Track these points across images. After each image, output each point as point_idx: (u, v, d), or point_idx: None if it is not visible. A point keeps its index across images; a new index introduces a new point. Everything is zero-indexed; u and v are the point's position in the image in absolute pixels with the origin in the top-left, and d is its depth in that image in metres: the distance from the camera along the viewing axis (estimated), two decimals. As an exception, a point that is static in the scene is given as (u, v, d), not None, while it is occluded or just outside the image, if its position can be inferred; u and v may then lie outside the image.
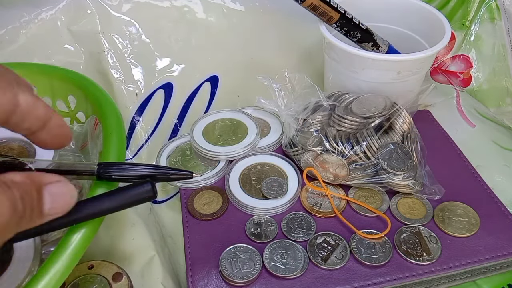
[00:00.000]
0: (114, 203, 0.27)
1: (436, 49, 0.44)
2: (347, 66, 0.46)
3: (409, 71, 0.45)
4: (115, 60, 0.52)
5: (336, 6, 0.44)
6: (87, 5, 0.51)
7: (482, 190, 0.44)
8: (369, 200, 0.42)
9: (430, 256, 0.38)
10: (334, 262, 0.37)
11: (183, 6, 0.53)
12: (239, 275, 0.36)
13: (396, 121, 0.43)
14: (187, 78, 0.54)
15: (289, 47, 0.57)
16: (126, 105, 0.52)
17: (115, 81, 0.52)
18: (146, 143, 0.52)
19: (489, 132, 0.52)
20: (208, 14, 0.54)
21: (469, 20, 0.57)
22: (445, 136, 0.50)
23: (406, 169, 0.41)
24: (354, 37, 0.47)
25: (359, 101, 0.45)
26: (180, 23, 0.53)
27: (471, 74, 0.57)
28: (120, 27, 0.52)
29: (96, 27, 0.51)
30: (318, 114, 0.44)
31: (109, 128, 0.38)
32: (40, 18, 0.51)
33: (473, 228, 0.40)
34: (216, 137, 0.47)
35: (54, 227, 0.27)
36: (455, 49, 0.58)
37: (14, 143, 0.38)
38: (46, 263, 0.28)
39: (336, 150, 0.42)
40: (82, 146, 0.43)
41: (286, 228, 0.40)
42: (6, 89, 0.22)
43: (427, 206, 0.42)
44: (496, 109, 0.55)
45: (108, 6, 0.52)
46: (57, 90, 0.47)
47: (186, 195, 0.43)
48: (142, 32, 0.53)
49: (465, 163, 0.47)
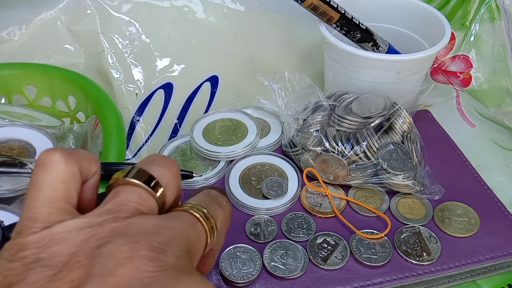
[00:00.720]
0: None
1: (436, 49, 0.44)
2: (347, 66, 0.46)
3: (409, 71, 0.45)
4: (115, 60, 0.52)
5: (336, 6, 0.44)
6: (87, 5, 0.51)
7: (482, 190, 0.44)
8: (369, 200, 0.42)
9: (430, 256, 0.38)
10: (334, 262, 0.37)
11: (183, 6, 0.53)
12: (239, 276, 0.36)
13: (396, 121, 0.43)
14: (187, 78, 0.54)
15: (289, 47, 0.57)
16: (126, 105, 0.52)
17: (115, 81, 0.52)
18: (146, 143, 0.52)
19: (489, 132, 0.52)
20: (208, 14, 0.54)
21: (469, 20, 0.57)
22: (445, 136, 0.50)
23: (406, 169, 0.41)
24: (354, 37, 0.47)
25: (359, 101, 0.45)
26: (180, 23, 0.53)
27: (471, 74, 0.57)
28: (120, 27, 0.52)
29: (96, 27, 0.51)
30: (318, 114, 0.44)
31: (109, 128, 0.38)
32: (40, 18, 0.51)
33: (473, 228, 0.40)
34: (216, 137, 0.47)
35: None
36: (455, 49, 0.58)
37: (14, 143, 0.38)
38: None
39: (336, 150, 0.42)
40: (82, 146, 0.43)
41: (286, 228, 0.40)
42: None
43: (427, 206, 0.42)
44: (496, 109, 0.55)
45: (108, 6, 0.52)
46: (57, 90, 0.47)
47: (186, 195, 0.43)
48: (142, 32, 0.53)
49: (465, 163, 0.47)
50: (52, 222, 0.19)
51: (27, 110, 0.45)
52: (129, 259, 0.17)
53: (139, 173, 0.21)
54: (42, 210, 0.19)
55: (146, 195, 0.20)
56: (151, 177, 0.21)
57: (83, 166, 0.21)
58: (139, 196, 0.20)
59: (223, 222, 0.23)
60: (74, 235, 0.18)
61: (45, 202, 0.19)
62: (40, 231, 0.18)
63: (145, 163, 0.22)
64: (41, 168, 0.20)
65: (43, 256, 0.17)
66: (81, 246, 0.18)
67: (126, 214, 0.19)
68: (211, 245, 0.22)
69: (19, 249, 0.18)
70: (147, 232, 0.18)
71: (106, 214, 0.19)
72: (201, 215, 0.21)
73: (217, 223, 0.22)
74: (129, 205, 0.20)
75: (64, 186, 0.20)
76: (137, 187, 0.20)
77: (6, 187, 0.34)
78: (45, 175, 0.20)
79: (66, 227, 0.18)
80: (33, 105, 0.48)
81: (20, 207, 0.35)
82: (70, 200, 0.20)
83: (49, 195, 0.19)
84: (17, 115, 0.44)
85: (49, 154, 0.20)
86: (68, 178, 0.20)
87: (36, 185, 0.20)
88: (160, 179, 0.21)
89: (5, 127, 0.39)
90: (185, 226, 0.20)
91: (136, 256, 0.17)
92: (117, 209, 0.19)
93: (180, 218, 0.21)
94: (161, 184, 0.21)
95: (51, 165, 0.20)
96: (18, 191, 0.34)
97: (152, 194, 0.21)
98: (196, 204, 0.22)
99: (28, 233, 0.18)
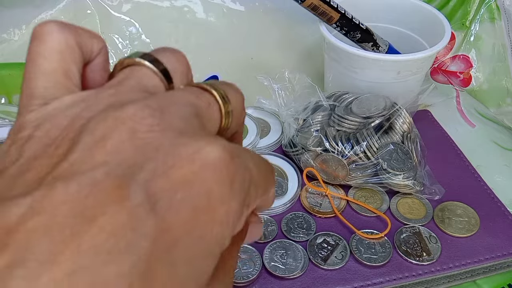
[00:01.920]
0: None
1: (436, 49, 0.44)
2: (347, 66, 0.46)
3: (409, 71, 0.45)
4: (115, 60, 0.52)
5: (336, 6, 0.44)
6: (87, 5, 0.51)
7: (482, 190, 0.44)
8: (369, 200, 0.42)
9: (430, 256, 0.38)
10: (334, 262, 0.37)
11: (183, 6, 0.53)
12: (239, 275, 0.36)
13: (396, 121, 0.43)
14: (187, 78, 0.54)
15: (289, 47, 0.57)
16: (126, 105, 0.52)
17: (115, 81, 0.52)
18: (146, 143, 0.52)
19: (489, 132, 0.52)
20: (208, 14, 0.54)
21: (469, 20, 0.57)
22: (445, 136, 0.50)
23: (406, 169, 0.41)
24: (354, 37, 0.47)
25: (359, 101, 0.45)
26: (180, 23, 0.53)
27: (471, 74, 0.57)
28: (120, 27, 0.52)
29: (96, 27, 0.51)
30: (318, 114, 0.44)
31: (109, 128, 0.38)
32: (40, 18, 0.51)
33: (473, 228, 0.40)
34: (216, 137, 0.47)
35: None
36: (455, 49, 0.58)
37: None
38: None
39: (336, 150, 0.42)
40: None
41: (286, 228, 0.40)
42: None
43: (427, 206, 0.42)
44: (496, 109, 0.55)
45: (108, 6, 0.52)
46: (57, 90, 0.47)
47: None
48: (142, 32, 0.53)
49: (465, 163, 0.47)
50: (49, 99, 0.17)
51: (27, 110, 0.45)
52: (119, 121, 0.15)
53: (143, 55, 0.19)
54: (38, 84, 0.18)
55: (150, 74, 0.19)
56: (156, 59, 0.19)
57: (82, 40, 0.19)
58: (143, 73, 0.18)
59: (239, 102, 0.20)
60: (68, 110, 0.17)
61: (40, 75, 0.18)
62: (37, 108, 0.17)
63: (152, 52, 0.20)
64: (34, 40, 0.18)
65: (36, 134, 0.16)
66: (72, 119, 0.16)
67: (126, 88, 0.17)
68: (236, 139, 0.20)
69: (18, 130, 0.17)
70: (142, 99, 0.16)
71: (106, 89, 0.17)
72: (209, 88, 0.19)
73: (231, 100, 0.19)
74: (131, 80, 0.18)
75: (60, 57, 0.18)
76: (142, 67, 0.19)
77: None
78: (39, 47, 0.18)
79: (61, 102, 0.17)
80: (33, 105, 0.48)
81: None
82: (70, 74, 0.18)
83: (44, 67, 0.18)
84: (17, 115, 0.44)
85: (43, 26, 0.18)
86: (64, 48, 0.18)
87: (30, 58, 0.18)
88: (166, 62, 0.19)
89: (5, 127, 0.39)
90: (188, 95, 0.18)
91: (127, 116, 0.15)
92: (117, 84, 0.18)
93: (184, 89, 0.18)
94: (165, 66, 0.19)
95: (45, 36, 0.18)
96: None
97: (157, 74, 0.19)
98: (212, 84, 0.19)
99: (26, 112, 0.17)
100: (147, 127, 0.15)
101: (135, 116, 0.15)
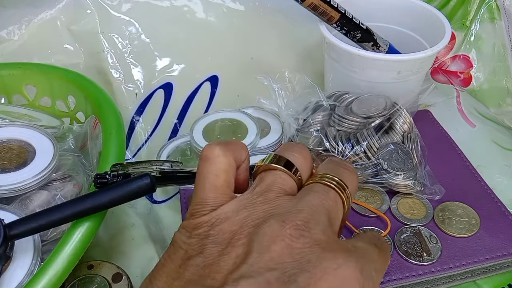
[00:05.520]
0: (115, 195, 0.27)
1: (437, 49, 0.44)
2: (347, 66, 0.46)
3: (409, 71, 0.45)
4: (115, 60, 0.52)
5: (336, 6, 0.44)
6: (87, 5, 0.51)
7: (482, 190, 0.44)
8: (369, 200, 0.42)
9: (430, 256, 0.38)
10: (334, 262, 0.37)
11: (183, 6, 0.53)
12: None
13: (396, 121, 0.43)
14: (187, 78, 0.54)
15: (289, 47, 0.57)
16: (126, 105, 0.52)
17: (115, 81, 0.52)
18: (146, 143, 0.52)
19: (489, 132, 0.52)
20: (208, 14, 0.54)
21: (469, 20, 0.57)
22: (446, 136, 0.50)
23: (406, 169, 0.41)
24: (354, 37, 0.47)
25: (359, 101, 0.44)
26: (180, 23, 0.53)
27: (471, 74, 0.57)
28: (120, 27, 0.52)
29: (96, 27, 0.51)
30: (318, 114, 0.44)
31: (109, 128, 0.38)
32: (40, 18, 0.51)
33: (473, 228, 0.40)
34: (216, 137, 0.47)
35: (56, 222, 0.27)
36: (455, 49, 0.58)
37: (13, 143, 0.38)
38: (46, 262, 0.28)
39: (336, 150, 0.42)
40: (82, 146, 0.43)
41: (286, 228, 0.40)
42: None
43: (427, 206, 0.42)
44: (496, 109, 0.55)
45: (108, 6, 0.52)
46: (57, 90, 0.47)
47: (186, 195, 0.43)
48: (142, 32, 0.53)
49: (466, 163, 0.47)
50: (217, 205, 0.23)
51: (26, 110, 0.45)
52: (280, 237, 0.20)
53: (277, 159, 0.25)
54: (210, 195, 0.23)
55: (286, 177, 0.24)
56: (288, 161, 0.24)
57: (237, 155, 0.25)
58: (280, 177, 0.24)
59: (354, 184, 0.25)
60: (234, 215, 0.22)
61: (211, 188, 0.23)
62: (209, 212, 0.22)
63: (281, 151, 0.25)
64: (205, 162, 0.24)
65: (212, 233, 0.21)
66: (240, 225, 0.21)
67: (272, 194, 0.23)
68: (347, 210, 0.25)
69: (194, 228, 0.22)
70: (290, 211, 0.22)
71: (257, 196, 0.23)
72: (333, 183, 0.24)
73: (348, 186, 0.24)
74: (274, 186, 0.23)
75: (225, 174, 0.24)
76: (278, 171, 0.24)
77: (6, 187, 0.34)
78: (209, 167, 0.24)
79: (227, 208, 0.22)
80: (32, 105, 0.48)
81: (20, 207, 0.35)
82: (230, 185, 0.24)
83: (214, 183, 0.24)
84: (16, 115, 0.43)
85: (210, 149, 0.24)
86: (227, 167, 0.24)
87: (203, 175, 0.24)
88: (295, 162, 0.25)
89: (5, 127, 0.39)
90: (321, 197, 0.23)
91: (285, 234, 0.20)
92: (265, 190, 0.23)
93: (315, 190, 0.23)
94: (296, 166, 0.24)
95: (213, 159, 0.24)
96: (18, 191, 0.34)
97: (291, 175, 0.24)
98: (325, 174, 0.25)
99: (200, 215, 0.23)
100: (300, 245, 0.20)
101: (291, 236, 0.20)
